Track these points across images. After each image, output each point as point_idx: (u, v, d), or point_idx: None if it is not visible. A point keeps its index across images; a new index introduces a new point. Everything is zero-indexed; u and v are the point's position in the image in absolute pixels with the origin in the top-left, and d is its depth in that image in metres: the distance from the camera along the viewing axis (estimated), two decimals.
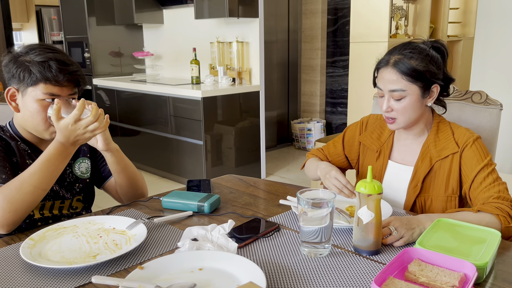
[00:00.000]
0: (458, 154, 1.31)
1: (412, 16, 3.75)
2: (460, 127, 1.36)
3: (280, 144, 5.40)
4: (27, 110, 1.27)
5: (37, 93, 1.25)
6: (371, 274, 0.95)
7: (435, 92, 1.32)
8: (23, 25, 6.85)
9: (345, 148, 1.55)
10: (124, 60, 5.00)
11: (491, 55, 4.27)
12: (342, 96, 5.17)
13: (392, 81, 1.28)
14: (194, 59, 4.04)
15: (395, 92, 1.29)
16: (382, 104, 1.33)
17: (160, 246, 1.10)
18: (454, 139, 1.33)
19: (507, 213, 1.16)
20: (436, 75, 1.29)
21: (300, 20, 5.30)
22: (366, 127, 1.52)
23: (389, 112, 1.32)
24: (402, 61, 1.27)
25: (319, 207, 1.00)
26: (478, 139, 1.31)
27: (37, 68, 1.23)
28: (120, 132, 4.61)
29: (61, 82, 1.25)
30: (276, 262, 1.01)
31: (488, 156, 1.29)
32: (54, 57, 1.25)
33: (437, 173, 1.34)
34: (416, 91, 1.28)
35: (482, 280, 0.91)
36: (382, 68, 1.32)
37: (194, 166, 3.84)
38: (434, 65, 1.29)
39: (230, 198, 1.44)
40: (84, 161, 1.45)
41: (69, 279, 0.94)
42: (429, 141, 1.36)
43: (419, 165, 1.36)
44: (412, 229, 1.08)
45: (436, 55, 1.31)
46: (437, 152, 1.34)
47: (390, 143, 1.44)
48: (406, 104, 1.29)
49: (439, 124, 1.37)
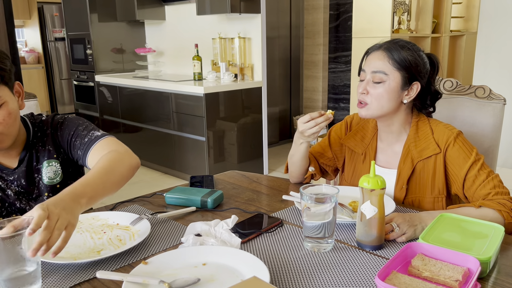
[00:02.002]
0: (441, 154, 1.29)
1: (414, 11, 3.73)
2: (439, 124, 1.33)
3: (282, 140, 5.40)
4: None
5: None
6: (375, 269, 0.95)
7: (415, 90, 1.30)
8: (25, 22, 6.86)
9: (333, 149, 1.51)
10: (126, 57, 5.00)
11: (494, 49, 4.25)
12: (344, 91, 5.16)
13: (378, 62, 1.29)
14: (196, 55, 4.04)
15: (376, 74, 1.28)
16: (360, 86, 1.32)
17: (163, 242, 1.10)
18: (434, 139, 1.31)
19: (509, 208, 1.16)
20: (420, 72, 1.29)
21: (302, 15, 5.28)
22: (350, 127, 1.50)
23: (364, 95, 1.30)
24: (394, 47, 1.28)
25: (322, 202, 1.01)
26: (459, 135, 1.29)
27: None
28: (123, 128, 4.62)
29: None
30: (279, 257, 1.01)
31: (474, 151, 1.27)
32: None
33: (420, 174, 1.33)
34: (397, 79, 1.28)
35: (486, 275, 0.92)
36: (372, 52, 1.32)
37: (196, 162, 3.84)
38: (421, 63, 1.29)
39: (233, 194, 1.44)
40: (51, 164, 1.30)
41: (74, 274, 0.95)
42: (409, 141, 1.34)
43: (402, 166, 1.35)
44: (414, 226, 1.08)
45: (426, 59, 1.32)
46: (418, 153, 1.32)
47: (374, 145, 1.42)
48: (383, 90, 1.28)
49: (418, 123, 1.35)
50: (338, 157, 1.52)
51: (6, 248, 0.83)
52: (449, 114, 1.58)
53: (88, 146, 1.26)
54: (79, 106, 5.24)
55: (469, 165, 1.25)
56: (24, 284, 0.86)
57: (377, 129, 1.42)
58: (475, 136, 1.53)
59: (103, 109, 4.85)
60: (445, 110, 1.58)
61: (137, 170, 1.25)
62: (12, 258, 0.85)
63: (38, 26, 6.67)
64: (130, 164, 1.20)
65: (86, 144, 1.26)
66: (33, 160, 1.30)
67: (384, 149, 1.41)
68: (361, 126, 1.47)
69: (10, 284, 0.85)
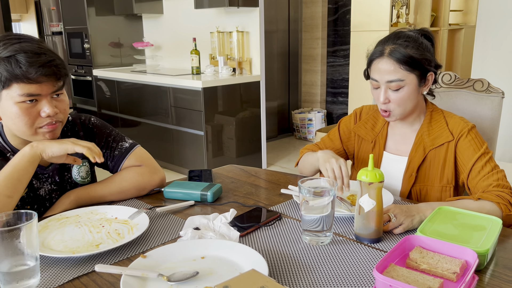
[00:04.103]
0: (453, 143, 1.30)
1: (413, 5, 3.72)
2: (454, 116, 1.35)
3: (281, 134, 5.40)
4: (8, 116, 1.12)
5: (13, 95, 1.08)
6: (373, 262, 0.96)
7: (430, 80, 1.31)
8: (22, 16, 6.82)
9: (343, 140, 1.53)
10: (124, 51, 4.98)
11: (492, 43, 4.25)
12: (343, 86, 5.15)
13: (390, 71, 1.26)
14: (194, 49, 4.03)
15: (393, 83, 1.26)
16: (379, 96, 1.29)
17: (162, 235, 1.10)
18: (448, 128, 1.32)
19: (507, 201, 1.16)
20: (431, 62, 1.29)
21: (300, 9, 5.26)
22: (360, 118, 1.50)
23: (386, 104, 1.30)
24: (398, 50, 1.25)
25: (320, 195, 1.01)
26: (473, 128, 1.31)
27: (4, 66, 1.05)
28: (121, 123, 4.61)
29: (35, 78, 1.06)
30: (278, 251, 1.01)
31: (484, 145, 1.28)
32: (21, 48, 1.06)
33: (431, 162, 1.34)
34: (413, 80, 1.27)
35: (483, 267, 0.92)
36: (376, 59, 1.29)
37: (195, 157, 3.84)
38: (429, 52, 1.29)
39: (231, 187, 1.44)
40: (85, 164, 1.35)
41: (72, 268, 0.95)
42: (422, 130, 1.35)
43: (413, 154, 1.35)
44: (411, 216, 1.09)
45: (428, 43, 1.30)
46: (431, 141, 1.33)
47: (385, 133, 1.43)
48: (404, 94, 1.27)
49: (432, 113, 1.36)
50: (348, 148, 1.53)
51: (5, 242, 0.84)
52: (448, 107, 1.58)
53: (119, 160, 1.36)
54: (77, 100, 5.23)
55: (477, 156, 1.26)
56: (22, 278, 0.86)
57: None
58: None
59: (101, 103, 4.83)
60: (443, 103, 1.58)
61: (160, 184, 1.39)
62: (10, 251, 0.85)
63: (35, 20, 6.63)
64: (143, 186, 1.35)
65: (117, 157, 1.36)
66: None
67: (395, 136, 1.42)
68: (371, 115, 1.48)
69: (9, 278, 0.85)
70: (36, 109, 1.12)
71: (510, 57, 4.17)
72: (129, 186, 1.32)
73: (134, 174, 1.34)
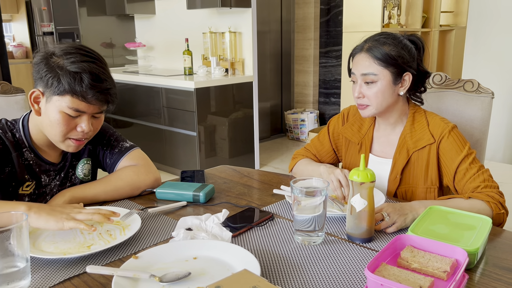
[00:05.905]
0: (435, 145, 1.31)
1: (404, 6, 3.75)
2: (435, 117, 1.35)
3: (274, 135, 5.41)
4: (48, 118, 1.18)
5: (62, 104, 1.16)
6: (364, 261, 0.96)
7: (407, 81, 1.32)
8: (12, 16, 6.76)
9: (332, 142, 1.54)
10: (116, 51, 4.96)
11: (483, 44, 4.29)
12: (335, 86, 5.17)
13: (365, 65, 1.30)
14: (186, 50, 4.02)
15: (367, 76, 1.30)
16: (355, 90, 1.34)
17: (154, 236, 1.10)
18: (429, 130, 1.33)
19: (497, 200, 1.18)
20: (408, 62, 1.30)
21: (293, 10, 5.27)
22: (347, 119, 1.52)
23: (360, 99, 1.33)
24: (376, 47, 1.30)
25: (312, 195, 1.01)
26: (454, 128, 1.32)
27: (67, 79, 1.13)
28: (113, 123, 4.59)
29: (89, 99, 1.16)
30: (270, 251, 1.01)
31: (467, 145, 1.29)
32: (89, 69, 1.15)
33: (415, 164, 1.35)
34: (387, 76, 1.29)
35: (473, 266, 0.93)
36: (356, 55, 1.34)
37: (187, 157, 3.83)
38: (407, 52, 1.31)
39: (224, 188, 1.44)
40: (88, 162, 1.40)
41: (64, 270, 0.94)
42: (405, 132, 1.37)
43: (397, 157, 1.37)
44: (404, 215, 1.10)
45: (410, 45, 1.33)
46: (414, 143, 1.34)
47: (370, 135, 1.45)
48: (377, 90, 1.30)
49: (415, 114, 1.37)
50: (338, 148, 1.55)
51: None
52: (438, 107, 1.59)
53: (118, 158, 1.40)
54: None
55: (461, 158, 1.27)
56: (13, 280, 0.85)
57: (374, 120, 1.44)
58: (464, 129, 1.54)
59: None
60: (434, 104, 1.59)
61: (155, 183, 1.40)
62: (1, 253, 0.84)
63: (26, 20, 6.57)
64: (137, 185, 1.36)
65: (116, 154, 1.41)
66: (73, 156, 1.38)
67: (380, 139, 1.43)
68: (358, 117, 1.49)
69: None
70: (75, 122, 1.20)
71: (500, 58, 4.21)
72: (124, 184, 1.34)
73: (129, 173, 1.36)
